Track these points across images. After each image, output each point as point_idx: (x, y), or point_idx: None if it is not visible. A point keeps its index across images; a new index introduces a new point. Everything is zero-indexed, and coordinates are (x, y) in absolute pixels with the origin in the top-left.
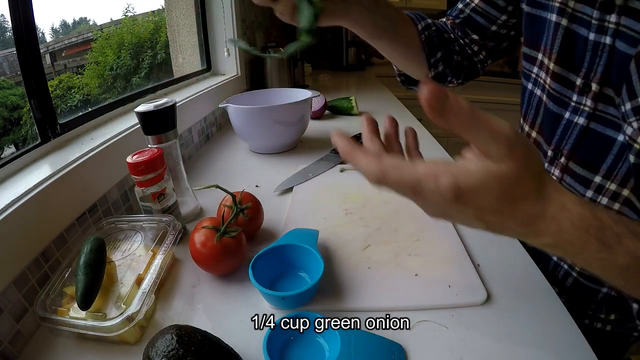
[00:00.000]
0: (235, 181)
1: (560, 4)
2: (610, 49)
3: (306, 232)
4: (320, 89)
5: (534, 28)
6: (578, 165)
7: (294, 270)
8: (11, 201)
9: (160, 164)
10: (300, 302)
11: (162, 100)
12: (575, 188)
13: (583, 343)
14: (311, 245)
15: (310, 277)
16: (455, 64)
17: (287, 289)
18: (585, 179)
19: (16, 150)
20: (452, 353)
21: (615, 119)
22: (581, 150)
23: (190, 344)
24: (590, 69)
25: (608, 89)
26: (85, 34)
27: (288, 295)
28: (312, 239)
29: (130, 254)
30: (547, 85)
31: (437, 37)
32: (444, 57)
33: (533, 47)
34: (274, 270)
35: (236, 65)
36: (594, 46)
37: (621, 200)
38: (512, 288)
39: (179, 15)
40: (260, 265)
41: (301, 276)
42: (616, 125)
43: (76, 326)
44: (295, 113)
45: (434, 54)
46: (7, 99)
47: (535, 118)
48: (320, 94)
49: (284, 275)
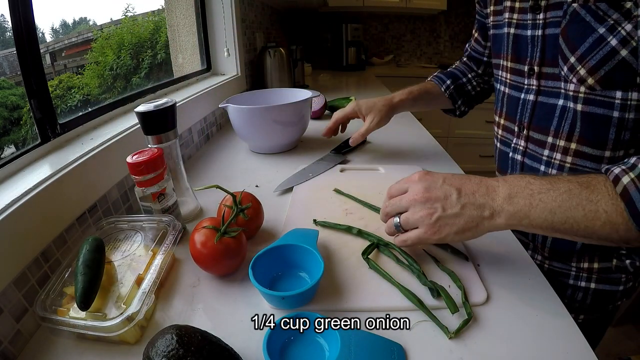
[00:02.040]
0: (235, 181)
1: (508, 19)
2: (542, 38)
3: (306, 232)
4: (320, 89)
5: (496, 43)
6: (535, 132)
7: (294, 270)
8: (11, 201)
9: (160, 164)
10: (300, 302)
11: (162, 100)
12: (536, 152)
13: (583, 343)
14: (311, 245)
15: (310, 277)
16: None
17: (287, 289)
18: (541, 141)
19: (16, 150)
20: (452, 353)
21: (554, 89)
22: (535, 119)
23: (190, 344)
24: (532, 56)
25: (546, 68)
26: (85, 34)
27: (288, 296)
28: (312, 239)
29: (130, 254)
30: (507, 80)
31: (455, 89)
32: (464, 101)
33: (497, 57)
34: (274, 270)
35: (236, 65)
36: (532, 39)
37: (572, 153)
38: (512, 288)
39: (179, 15)
40: (260, 265)
41: (301, 276)
42: (555, 94)
43: (76, 326)
44: (295, 113)
45: (456, 102)
46: (7, 99)
47: (502, 108)
48: (320, 94)
49: (284, 276)
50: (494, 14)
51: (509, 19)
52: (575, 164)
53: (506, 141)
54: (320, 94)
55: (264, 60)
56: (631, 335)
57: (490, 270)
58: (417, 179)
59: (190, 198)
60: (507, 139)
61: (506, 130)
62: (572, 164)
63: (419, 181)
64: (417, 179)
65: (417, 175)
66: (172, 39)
